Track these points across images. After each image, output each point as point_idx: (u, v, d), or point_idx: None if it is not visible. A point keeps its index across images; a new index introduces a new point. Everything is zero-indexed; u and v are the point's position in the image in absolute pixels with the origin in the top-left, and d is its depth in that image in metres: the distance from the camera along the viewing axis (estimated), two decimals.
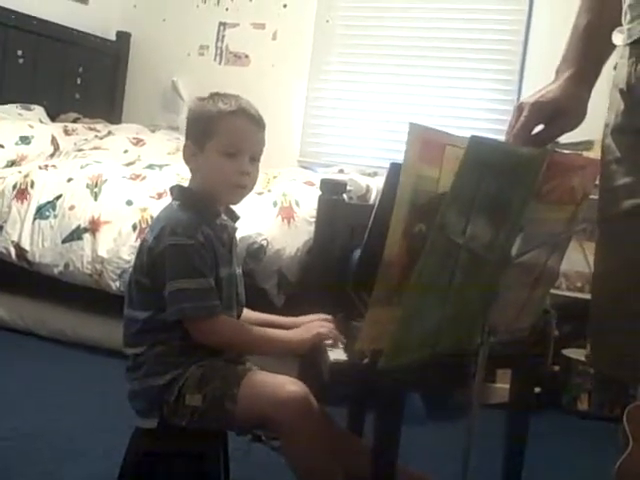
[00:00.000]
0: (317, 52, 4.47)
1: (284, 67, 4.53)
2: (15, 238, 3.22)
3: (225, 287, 1.69)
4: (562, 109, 1.30)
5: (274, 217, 2.90)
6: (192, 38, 4.75)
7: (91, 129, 4.19)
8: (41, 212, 3.22)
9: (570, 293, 3.24)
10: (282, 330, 1.74)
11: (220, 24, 4.71)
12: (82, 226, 3.14)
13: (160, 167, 3.43)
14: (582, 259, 2.85)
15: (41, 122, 4.09)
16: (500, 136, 1.40)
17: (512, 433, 1.72)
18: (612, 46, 1.34)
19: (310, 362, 1.73)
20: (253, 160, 1.71)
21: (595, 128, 1.40)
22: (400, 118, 4.13)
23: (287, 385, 1.58)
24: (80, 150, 3.77)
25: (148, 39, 4.86)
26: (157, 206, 2.72)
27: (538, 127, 1.32)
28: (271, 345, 1.71)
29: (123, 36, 4.87)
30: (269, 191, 3.09)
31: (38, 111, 4.23)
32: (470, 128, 3.77)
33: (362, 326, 1.25)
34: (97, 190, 3.21)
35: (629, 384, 2.65)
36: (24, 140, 3.74)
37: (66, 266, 3.13)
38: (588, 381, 3.11)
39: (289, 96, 4.49)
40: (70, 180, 3.29)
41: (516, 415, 1.74)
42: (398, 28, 4.27)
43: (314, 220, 2.79)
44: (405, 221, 1.12)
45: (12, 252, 3.22)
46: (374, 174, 3.57)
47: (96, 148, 3.81)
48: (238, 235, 1.87)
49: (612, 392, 3.03)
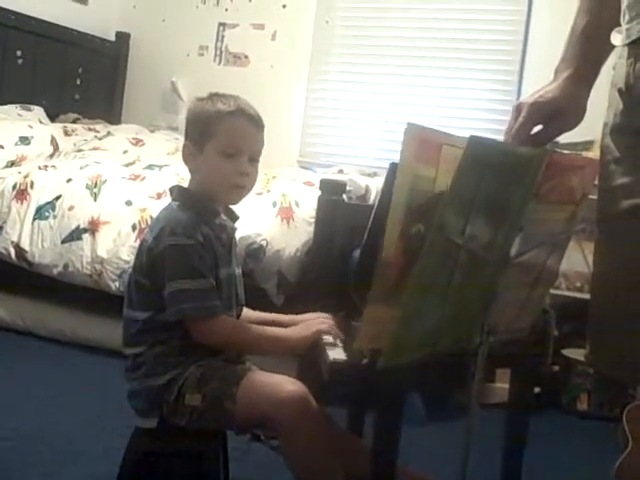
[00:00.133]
0: (316, 53, 4.47)
1: (283, 67, 4.53)
2: (15, 238, 3.22)
3: (225, 287, 1.69)
4: (561, 109, 1.30)
5: (273, 217, 2.91)
6: (191, 39, 4.75)
7: (90, 129, 4.19)
8: (41, 212, 3.22)
9: (570, 293, 3.24)
10: (282, 328, 1.74)
11: (219, 25, 4.71)
12: (81, 226, 3.14)
13: (159, 167, 3.44)
14: (581, 259, 2.86)
15: (41, 122, 4.09)
16: (500, 136, 1.40)
17: (511, 433, 1.72)
18: (611, 46, 1.34)
19: (309, 362, 1.73)
20: (252, 160, 1.71)
21: (595, 128, 1.40)
22: (399, 118, 4.12)
23: (286, 385, 1.58)
24: (80, 150, 3.77)
25: (147, 40, 4.86)
26: (156, 206, 2.72)
27: (537, 127, 1.32)
28: (271, 344, 1.71)
29: (122, 36, 4.87)
30: (268, 191, 3.10)
31: (38, 112, 4.23)
32: (470, 128, 3.77)
33: (360, 325, 1.25)
34: (96, 190, 3.22)
35: (628, 384, 2.65)
36: (24, 140, 3.74)
37: (65, 266, 3.13)
38: (588, 381, 3.11)
39: (288, 96, 4.49)
40: (70, 180, 3.29)
41: (515, 415, 1.74)
42: (397, 29, 4.28)
43: (314, 220, 2.79)
44: (402, 221, 1.12)
45: (12, 252, 3.22)
46: (374, 174, 3.57)
47: (95, 148, 3.82)
48: (237, 235, 1.87)
49: (611, 392, 3.03)
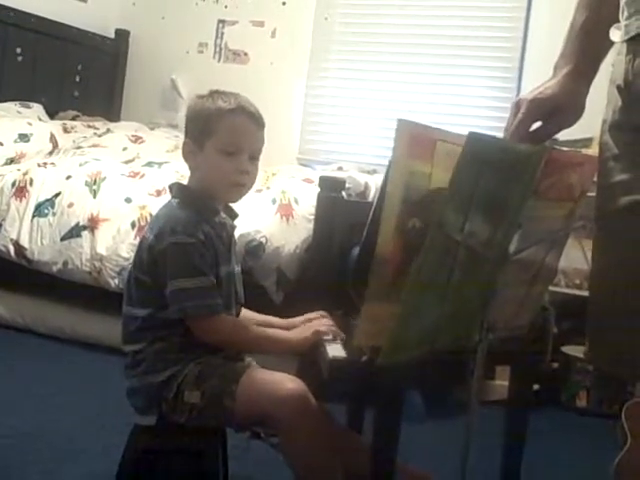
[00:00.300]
0: (316, 50, 4.47)
1: (283, 65, 4.53)
2: (14, 236, 3.22)
3: (224, 285, 1.69)
4: (560, 105, 1.30)
5: (273, 214, 2.90)
6: (191, 36, 4.75)
7: (90, 127, 4.19)
8: (40, 210, 3.22)
9: (569, 290, 3.24)
10: (281, 330, 1.74)
11: (219, 22, 4.71)
12: (81, 224, 3.14)
13: (159, 165, 3.43)
14: (581, 256, 2.85)
15: (40, 120, 4.08)
16: (499, 133, 1.40)
17: (511, 430, 1.72)
18: (610, 42, 1.34)
19: (309, 359, 1.73)
20: (252, 159, 1.71)
21: (594, 125, 1.40)
22: (399, 115, 4.11)
23: (285, 382, 1.58)
24: (79, 148, 3.77)
25: (147, 37, 4.86)
26: (156, 204, 2.72)
27: (536, 124, 1.32)
28: (271, 344, 1.71)
29: (122, 34, 4.86)
30: (268, 188, 3.10)
31: (37, 109, 4.23)
32: (469, 125, 3.76)
33: (358, 323, 1.25)
34: (96, 188, 3.21)
35: (628, 381, 2.66)
36: (23, 138, 3.74)
37: (65, 264, 3.13)
38: (587, 378, 3.11)
39: (288, 94, 4.49)
40: (69, 178, 3.29)
41: (515, 412, 1.75)
42: (397, 25, 4.28)
43: (313, 217, 2.79)
44: (397, 217, 1.13)
45: (11, 250, 3.22)
46: (373, 171, 3.57)
47: (95, 146, 3.81)
48: (237, 233, 1.86)
49: (611, 389, 3.03)
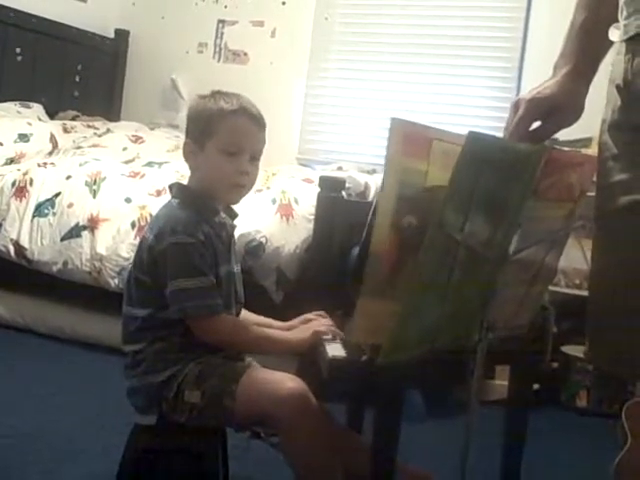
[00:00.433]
0: (316, 49, 4.47)
1: (283, 65, 4.53)
2: (14, 236, 3.22)
3: (224, 285, 1.69)
4: (559, 105, 1.30)
5: (273, 214, 2.90)
6: (191, 36, 4.75)
7: (90, 127, 4.19)
8: (40, 210, 3.22)
9: (569, 290, 3.24)
10: (281, 331, 1.74)
11: (219, 22, 4.71)
12: (81, 224, 3.14)
13: (159, 165, 3.43)
14: (581, 256, 2.86)
15: (40, 120, 4.08)
16: (499, 132, 1.40)
17: (511, 430, 1.72)
18: (609, 42, 1.34)
19: (309, 359, 1.73)
20: (253, 159, 1.71)
21: (593, 125, 1.40)
22: (399, 115, 4.11)
23: (286, 382, 1.58)
24: (79, 148, 3.77)
25: (147, 37, 4.86)
26: (156, 204, 2.72)
27: (535, 123, 1.32)
28: (271, 344, 1.71)
29: (122, 34, 4.86)
30: (268, 188, 3.10)
31: (37, 109, 4.23)
32: (469, 124, 3.76)
33: (354, 318, 1.25)
34: (96, 188, 3.21)
35: (628, 380, 2.66)
36: (23, 138, 3.74)
37: (65, 264, 3.13)
38: (587, 378, 3.11)
39: (288, 94, 4.49)
40: (69, 178, 3.29)
41: (515, 412, 1.75)
42: (397, 25, 4.28)
43: (313, 217, 2.79)
44: (392, 215, 1.13)
45: (11, 250, 3.22)
46: (373, 171, 3.57)
47: (95, 146, 3.81)
48: (237, 232, 1.86)
49: (611, 388, 3.03)
